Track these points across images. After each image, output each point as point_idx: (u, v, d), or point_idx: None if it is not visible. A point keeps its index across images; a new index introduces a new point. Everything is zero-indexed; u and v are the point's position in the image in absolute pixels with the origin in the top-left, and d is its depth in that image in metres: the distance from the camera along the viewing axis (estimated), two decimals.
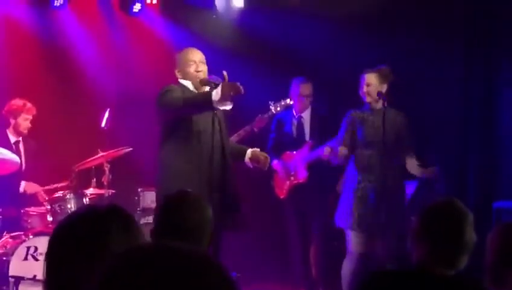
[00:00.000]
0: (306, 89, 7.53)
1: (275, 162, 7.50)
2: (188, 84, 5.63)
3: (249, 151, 5.86)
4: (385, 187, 6.34)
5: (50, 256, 2.01)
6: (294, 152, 7.48)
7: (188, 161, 5.45)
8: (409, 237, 3.17)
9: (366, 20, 7.96)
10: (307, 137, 7.52)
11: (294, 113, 7.60)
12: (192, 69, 5.59)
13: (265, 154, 5.90)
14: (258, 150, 5.91)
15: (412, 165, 6.52)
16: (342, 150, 6.50)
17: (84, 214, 2.05)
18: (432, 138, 7.63)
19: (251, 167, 5.90)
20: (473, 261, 3.18)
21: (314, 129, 7.49)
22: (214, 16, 8.41)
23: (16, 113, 7.18)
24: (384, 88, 6.45)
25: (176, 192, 3.19)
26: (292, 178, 7.44)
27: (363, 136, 6.49)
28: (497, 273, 3.07)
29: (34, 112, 7.23)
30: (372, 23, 8.00)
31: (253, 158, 5.84)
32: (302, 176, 7.35)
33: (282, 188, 7.52)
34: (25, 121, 7.20)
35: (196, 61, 5.61)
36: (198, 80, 5.57)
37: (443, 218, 3.11)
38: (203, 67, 5.62)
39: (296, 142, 7.54)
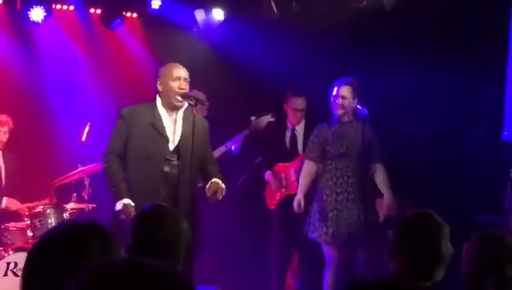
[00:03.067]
0: (300, 102, 7.59)
1: (268, 173, 7.57)
2: (159, 102, 5.68)
3: (214, 180, 5.70)
4: (359, 198, 6.40)
5: (27, 271, 2.00)
6: (287, 164, 7.52)
7: (139, 179, 5.53)
8: (386, 249, 3.18)
9: (347, 33, 7.98)
10: (300, 149, 7.57)
11: (289, 125, 7.65)
12: (175, 85, 5.62)
13: (222, 189, 5.66)
14: (220, 182, 5.71)
15: (382, 186, 6.58)
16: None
17: (64, 231, 2.05)
18: (410, 151, 7.63)
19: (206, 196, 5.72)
20: (451, 274, 3.19)
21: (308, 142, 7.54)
22: (194, 30, 8.41)
23: None
24: (355, 102, 6.52)
25: (150, 206, 3.19)
26: (283, 189, 7.49)
27: (335, 148, 6.52)
28: (474, 284, 3.09)
29: (10, 124, 7.17)
30: (350, 36, 8.02)
31: (210, 187, 5.67)
32: (293, 187, 7.37)
33: (273, 199, 7.58)
34: (0, 135, 7.14)
35: (181, 78, 5.65)
36: (177, 95, 5.60)
37: (419, 230, 3.13)
38: (186, 86, 5.67)
39: (289, 154, 7.59)
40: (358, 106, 6.50)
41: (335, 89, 6.52)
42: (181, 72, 5.69)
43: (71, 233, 2.03)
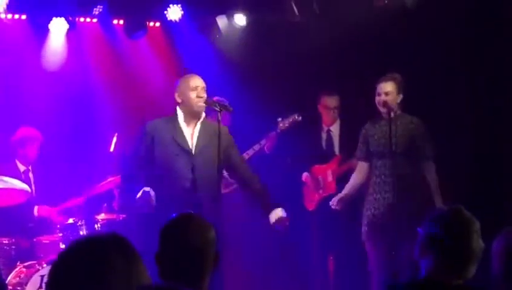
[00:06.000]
0: (333, 101, 7.53)
1: (305, 174, 7.55)
2: (180, 115, 5.79)
3: (279, 212, 5.82)
4: (398, 198, 6.26)
5: (50, 287, 1.98)
6: (324, 165, 7.49)
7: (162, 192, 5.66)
8: (416, 247, 3.15)
9: (369, 34, 7.89)
10: (337, 150, 7.53)
11: (324, 127, 7.60)
12: (193, 95, 5.74)
13: (285, 219, 5.84)
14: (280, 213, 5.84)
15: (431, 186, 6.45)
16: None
17: (84, 245, 2.02)
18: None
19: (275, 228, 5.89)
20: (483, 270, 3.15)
21: (344, 142, 7.48)
22: (217, 36, 8.40)
23: (22, 142, 7.20)
24: (400, 97, 6.41)
25: (177, 215, 3.19)
26: (321, 191, 7.45)
27: (374, 147, 6.47)
28: (504, 278, 3.05)
29: (41, 139, 7.24)
30: (373, 36, 7.93)
31: (278, 221, 5.81)
32: (331, 188, 7.34)
33: (312, 201, 7.56)
34: (31, 149, 7.21)
35: (198, 87, 5.75)
36: (197, 105, 5.72)
37: (449, 227, 3.09)
38: (204, 94, 5.76)
39: (326, 156, 7.55)
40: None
41: (378, 86, 6.40)
42: (197, 81, 5.80)
43: (93, 246, 2.00)
